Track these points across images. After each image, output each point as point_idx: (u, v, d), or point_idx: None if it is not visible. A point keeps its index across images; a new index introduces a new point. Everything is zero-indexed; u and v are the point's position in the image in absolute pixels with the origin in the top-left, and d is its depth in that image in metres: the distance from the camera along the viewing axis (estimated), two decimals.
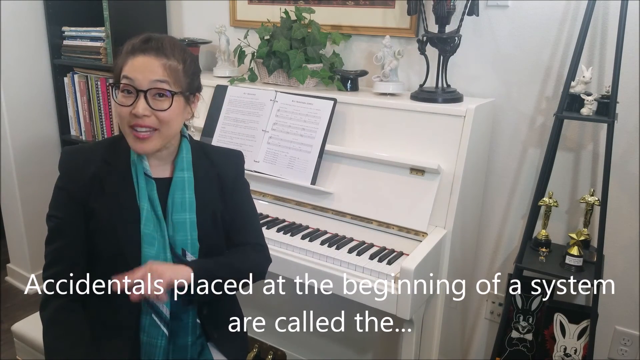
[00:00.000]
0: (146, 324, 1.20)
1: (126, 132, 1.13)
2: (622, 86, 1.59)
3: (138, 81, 1.09)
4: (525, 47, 1.78)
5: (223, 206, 1.27)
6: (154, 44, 1.12)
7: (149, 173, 1.19)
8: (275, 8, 2.18)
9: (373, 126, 1.75)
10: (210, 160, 1.28)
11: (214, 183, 1.27)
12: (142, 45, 1.12)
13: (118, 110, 1.12)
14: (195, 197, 1.22)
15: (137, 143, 1.13)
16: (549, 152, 1.65)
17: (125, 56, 1.12)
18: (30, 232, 2.66)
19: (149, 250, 1.16)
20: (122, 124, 1.13)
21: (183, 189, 1.21)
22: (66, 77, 2.56)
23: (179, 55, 1.14)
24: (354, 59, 2.09)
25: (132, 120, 1.11)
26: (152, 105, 1.10)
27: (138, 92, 1.09)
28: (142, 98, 1.09)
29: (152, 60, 1.11)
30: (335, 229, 1.69)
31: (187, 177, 1.22)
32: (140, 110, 1.09)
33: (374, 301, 1.45)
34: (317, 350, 2.03)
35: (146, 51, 1.11)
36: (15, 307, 2.62)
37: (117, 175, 1.19)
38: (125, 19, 2.31)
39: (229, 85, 2.01)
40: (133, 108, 1.09)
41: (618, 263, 1.78)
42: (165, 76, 1.11)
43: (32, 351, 1.78)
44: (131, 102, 1.10)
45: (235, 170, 1.32)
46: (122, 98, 1.11)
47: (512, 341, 1.88)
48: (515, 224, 1.93)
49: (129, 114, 1.10)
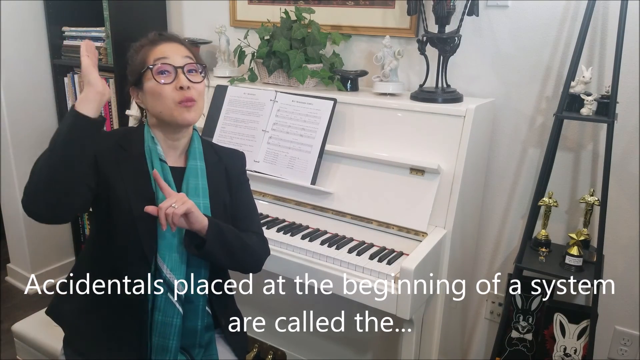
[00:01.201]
0: (162, 303, 1.21)
1: (172, 109, 1.19)
2: (622, 86, 1.60)
3: (173, 59, 1.20)
4: (525, 47, 1.78)
5: (230, 199, 1.35)
6: (168, 35, 1.26)
7: (164, 158, 1.24)
8: (275, 8, 2.18)
9: (373, 126, 1.75)
10: (218, 156, 1.36)
11: (222, 175, 1.34)
12: (159, 36, 1.24)
13: (159, 91, 1.18)
14: (208, 186, 1.28)
15: (188, 113, 1.20)
16: (549, 152, 1.65)
17: (147, 49, 1.22)
18: (30, 232, 2.66)
19: (165, 231, 1.19)
20: (165, 103, 1.19)
21: (196, 176, 1.27)
22: (66, 77, 2.57)
23: (188, 43, 1.28)
24: (354, 59, 2.09)
25: (178, 95, 1.18)
26: (190, 79, 1.21)
27: (176, 70, 1.19)
28: (181, 73, 1.19)
29: (176, 44, 1.24)
30: (335, 229, 1.70)
31: (200, 165, 1.28)
32: (185, 82, 1.19)
33: (374, 301, 1.45)
34: (317, 350, 2.03)
35: (166, 39, 1.24)
36: (15, 307, 2.62)
37: (132, 160, 1.23)
38: (125, 19, 2.31)
39: (229, 85, 2.01)
40: (177, 83, 1.18)
41: (618, 263, 1.78)
42: (192, 55, 1.24)
43: (32, 351, 1.78)
44: (171, 80, 1.19)
45: (240, 166, 1.41)
46: (161, 78, 1.19)
47: (512, 341, 1.88)
48: (515, 224, 1.94)
49: (173, 90, 1.18)
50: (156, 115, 1.23)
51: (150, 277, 1.20)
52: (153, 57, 1.20)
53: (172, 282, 1.21)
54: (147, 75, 1.20)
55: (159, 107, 1.20)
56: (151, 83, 1.20)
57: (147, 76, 1.20)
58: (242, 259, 1.29)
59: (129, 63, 1.26)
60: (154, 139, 1.25)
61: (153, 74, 1.19)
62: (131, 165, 1.23)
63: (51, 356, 1.70)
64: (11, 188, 2.60)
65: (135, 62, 1.24)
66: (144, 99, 1.24)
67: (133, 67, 1.24)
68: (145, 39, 1.25)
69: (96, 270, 1.26)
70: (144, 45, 1.24)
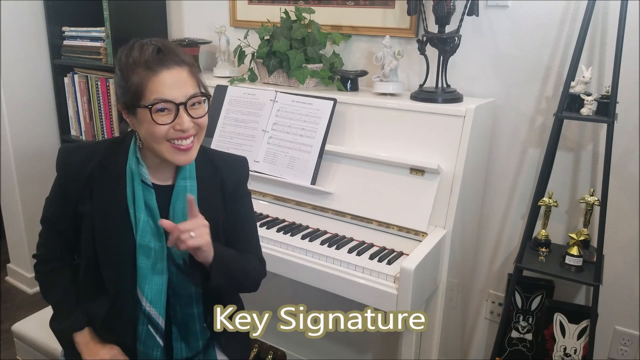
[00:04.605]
0: (142, 334, 1.20)
1: (163, 147, 1.10)
2: (622, 86, 1.60)
3: (175, 97, 1.07)
4: (525, 47, 1.78)
5: (225, 214, 1.25)
6: (169, 54, 1.09)
7: (147, 181, 1.16)
8: (275, 8, 2.18)
9: (373, 126, 1.75)
10: (213, 166, 1.25)
11: (217, 190, 1.25)
12: (157, 57, 1.07)
13: (153, 130, 1.07)
14: (198, 206, 1.18)
15: (182, 155, 1.12)
16: (549, 152, 1.65)
17: (145, 75, 1.06)
18: (30, 232, 2.66)
19: (145, 261, 1.15)
20: (157, 141, 1.09)
21: (185, 198, 1.18)
22: (66, 77, 2.56)
23: (189, 59, 1.13)
24: (354, 59, 2.09)
25: (174, 134, 1.09)
26: (192, 114, 1.10)
27: (178, 107, 1.08)
28: (184, 112, 1.08)
29: (179, 72, 1.08)
30: (335, 229, 1.70)
31: (190, 185, 1.19)
32: (187, 125, 1.08)
33: (374, 301, 1.45)
34: (317, 350, 2.03)
35: (166, 64, 1.07)
36: (15, 307, 2.62)
37: (109, 180, 1.16)
38: (125, 19, 2.31)
39: (229, 86, 2.01)
40: (176, 124, 1.08)
41: (618, 263, 1.78)
42: (195, 83, 1.11)
43: (32, 351, 1.78)
44: (171, 120, 1.08)
45: (238, 176, 1.29)
46: (159, 117, 1.07)
47: (512, 341, 1.88)
48: (515, 224, 1.94)
49: (169, 130, 1.08)
50: (147, 146, 1.14)
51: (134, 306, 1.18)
52: (151, 90, 1.06)
53: (150, 313, 1.18)
54: (143, 107, 1.08)
55: (151, 143, 1.11)
56: (147, 117, 1.07)
57: (143, 108, 1.08)
58: (242, 286, 1.27)
59: (120, 77, 1.10)
60: (138, 160, 1.16)
61: (151, 113, 1.07)
62: (107, 185, 1.16)
63: (51, 356, 1.70)
64: (11, 188, 2.60)
65: (128, 82, 1.07)
66: (136, 125, 1.12)
67: (125, 88, 1.08)
68: (139, 52, 1.07)
69: (82, 292, 1.25)
70: (139, 64, 1.07)
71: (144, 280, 1.16)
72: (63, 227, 1.22)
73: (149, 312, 1.17)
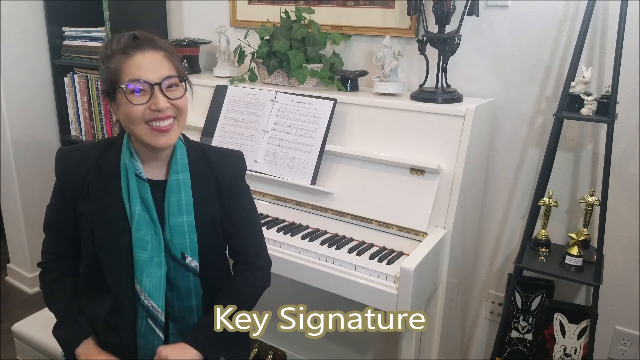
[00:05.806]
0: (142, 328, 1.20)
1: (141, 129, 1.11)
2: (622, 86, 1.60)
3: (149, 75, 1.09)
4: (525, 47, 1.78)
5: (222, 211, 1.25)
6: (144, 40, 1.11)
7: (142, 175, 1.17)
8: (275, 8, 2.18)
9: (373, 126, 1.75)
10: (208, 162, 1.25)
11: (212, 186, 1.24)
12: (134, 42, 1.10)
13: (129, 111, 1.09)
14: (193, 199, 1.20)
15: (161, 137, 1.12)
16: (549, 152, 1.65)
17: (120, 58, 1.09)
18: (30, 232, 2.66)
19: (141, 254, 1.16)
20: (134, 122, 1.11)
21: (179, 192, 1.19)
22: (66, 77, 2.57)
23: (166, 44, 1.15)
24: (354, 59, 2.09)
25: (151, 115, 1.10)
26: (169, 96, 1.11)
27: (153, 87, 1.09)
28: (159, 92, 1.10)
29: (153, 54, 1.11)
30: (335, 229, 1.70)
31: (183, 179, 1.20)
32: (162, 104, 1.09)
33: (374, 301, 1.45)
34: (317, 350, 2.03)
35: (141, 47, 1.10)
36: (15, 307, 2.62)
37: (105, 177, 1.18)
38: (125, 19, 2.31)
39: (229, 86, 2.01)
40: (152, 104, 1.09)
41: (618, 263, 1.78)
42: (171, 66, 1.13)
43: (32, 351, 1.78)
44: (147, 100, 1.09)
45: (234, 171, 1.28)
46: (135, 98, 1.09)
47: (512, 341, 1.88)
48: (515, 224, 1.94)
49: (146, 110, 1.10)
50: (128, 132, 1.16)
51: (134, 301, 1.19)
52: (126, 73, 1.08)
53: (149, 307, 1.18)
54: (119, 90, 1.10)
55: (130, 126, 1.12)
56: (123, 100, 1.09)
57: (119, 91, 1.10)
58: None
59: (101, 66, 1.14)
60: (132, 154, 1.17)
61: (125, 93, 1.09)
62: (103, 182, 1.18)
63: (51, 356, 1.70)
64: (11, 188, 2.60)
65: (107, 69, 1.11)
66: (116, 110, 1.14)
67: (105, 76, 1.12)
68: (117, 41, 1.11)
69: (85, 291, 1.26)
70: (116, 52, 1.10)
71: (142, 273, 1.16)
72: (66, 231, 1.22)
73: (148, 305, 1.18)
